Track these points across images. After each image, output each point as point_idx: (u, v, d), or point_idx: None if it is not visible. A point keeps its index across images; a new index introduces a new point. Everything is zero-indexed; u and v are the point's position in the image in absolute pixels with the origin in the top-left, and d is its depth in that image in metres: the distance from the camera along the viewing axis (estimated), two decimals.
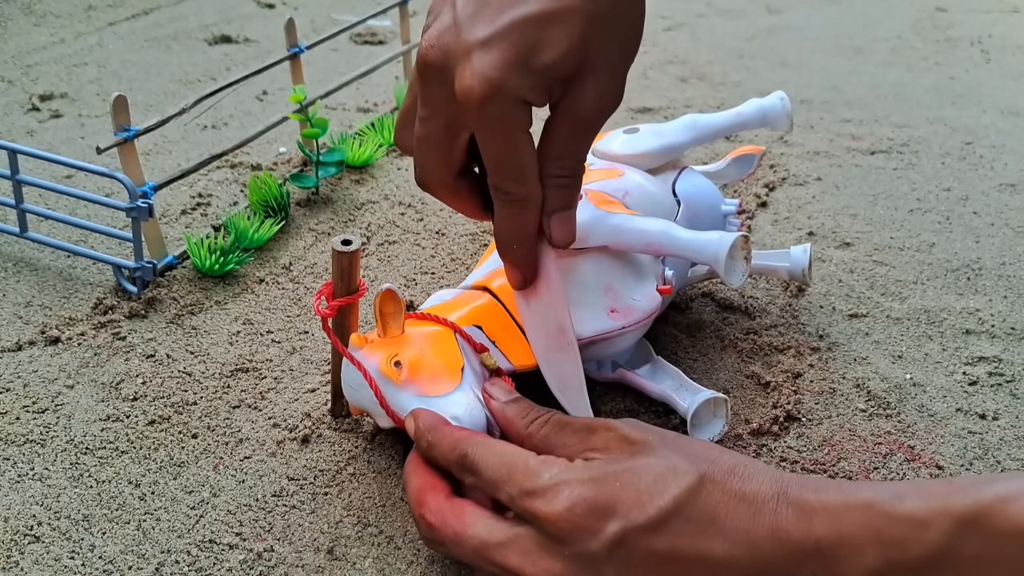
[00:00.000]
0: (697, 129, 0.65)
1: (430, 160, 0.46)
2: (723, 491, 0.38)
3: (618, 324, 0.53)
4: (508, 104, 0.41)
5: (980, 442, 0.56)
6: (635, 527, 0.37)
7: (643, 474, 0.39)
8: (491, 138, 0.43)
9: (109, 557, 0.47)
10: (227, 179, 0.84)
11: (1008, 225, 0.80)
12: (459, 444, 0.43)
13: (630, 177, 0.61)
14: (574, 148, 0.46)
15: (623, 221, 0.54)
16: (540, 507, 0.39)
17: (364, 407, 0.50)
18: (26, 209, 0.70)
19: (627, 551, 0.38)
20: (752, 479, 0.39)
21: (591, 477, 0.39)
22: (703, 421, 0.55)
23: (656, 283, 0.56)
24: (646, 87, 1.08)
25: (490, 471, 0.42)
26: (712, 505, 0.38)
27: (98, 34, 1.17)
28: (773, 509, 0.37)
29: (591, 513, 0.38)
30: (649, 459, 0.40)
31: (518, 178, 0.44)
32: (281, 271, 0.71)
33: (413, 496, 0.44)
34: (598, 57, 0.43)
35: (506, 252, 0.48)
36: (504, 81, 0.41)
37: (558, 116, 0.45)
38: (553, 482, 0.39)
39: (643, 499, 0.38)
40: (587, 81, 0.43)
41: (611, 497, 0.38)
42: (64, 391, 0.58)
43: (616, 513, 0.38)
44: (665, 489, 0.38)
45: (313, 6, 1.33)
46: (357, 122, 0.95)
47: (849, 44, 1.26)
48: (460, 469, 0.43)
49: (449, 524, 0.41)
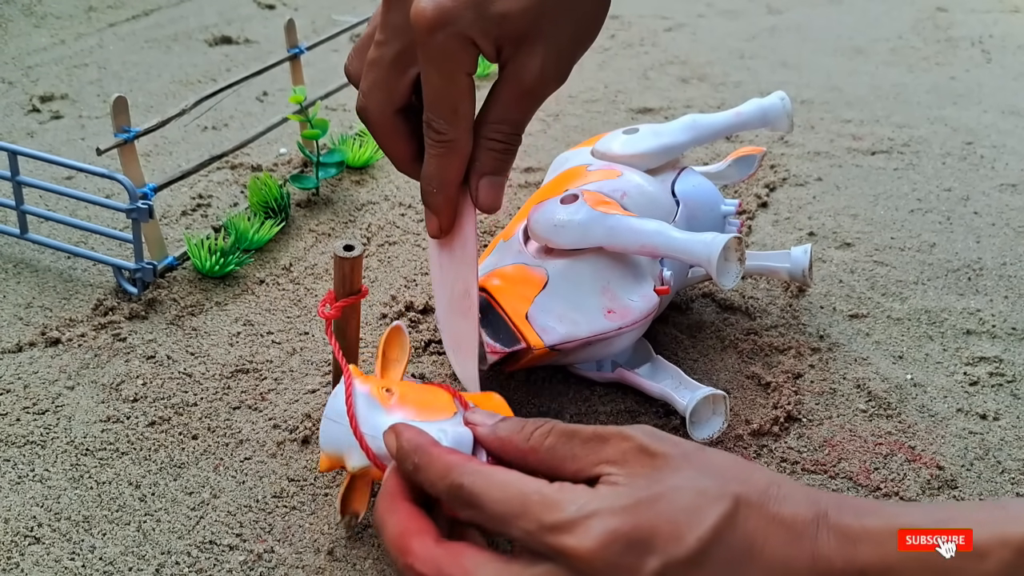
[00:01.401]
0: (697, 129, 0.65)
1: (376, 87, 0.47)
2: (760, 516, 0.35)
3: (615, 325, 0.53)
4: (455, 38, 0.42)
5: (981, 442, 0.56)
6: (675, 562, 0.34)
7: (676, 500, 0.35)
8: (432, 69, 0.43)
9: (109, 558, 0.47)
10: (227, 180, 0.84)
11: (1009, 225, 0.80)
12: (452, 470, 0.38)
13: (628, 178, 0.61)
14: (513, 114, 0.47)
15: (618, 222, 0.54)
16: (569, 543, 0.34)
17: (337, 448, 0.45)
18: (26, 210, 0.70)
19: None
20: (788, 501, 0.36)
21: (623, 507, 0.35)
22: (702, 418, 0.55)
23: (654, 284, 0.56)
24: (646, 87, 1.08)
25: (496, 504, 0.37)
26: (750, 532, 0.35)
27: (98, 35, 1.17)
28: (813, 535, 0.35)
29: (629, 549, 0.34)
30: (677, 480, 0.36)
31: (450, 118, 0.45)
32: (281, 272, 0.71)
33: (394, 542, 0.38)
34: (551, 29, 0.44)
35: (427, 194, 0.48)
36: (457, 14, 0.42)
37: (502, 80, 0.46)
38: (581, 514, 0.35)
39: (681, 530, 0.34)
40: (536, 49, 0.44)
41: (647, 529, 0.34)
42: (64, 392, 0.58)
43: (655, 548, 0.34)
44: (702, 518, 0.34)
45: (313, 7, 1.33)
46: (357, 123, 0.95)
47: (850, 44, 1.26)
48: (454, 500, 0.38)
49: (447, 573, 0.36)
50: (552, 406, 0.58)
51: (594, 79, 1.10)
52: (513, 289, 0.54)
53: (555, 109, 1.01)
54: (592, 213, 0.55)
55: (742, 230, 0.69)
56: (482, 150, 0.47)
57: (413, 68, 0.46)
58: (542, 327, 0.52)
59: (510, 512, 0.36)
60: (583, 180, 0.61)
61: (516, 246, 0.58)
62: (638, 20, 1.35)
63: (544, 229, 0.55)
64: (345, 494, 0.47)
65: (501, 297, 0.54)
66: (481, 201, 0.48)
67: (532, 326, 0.52)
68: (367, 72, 0.47)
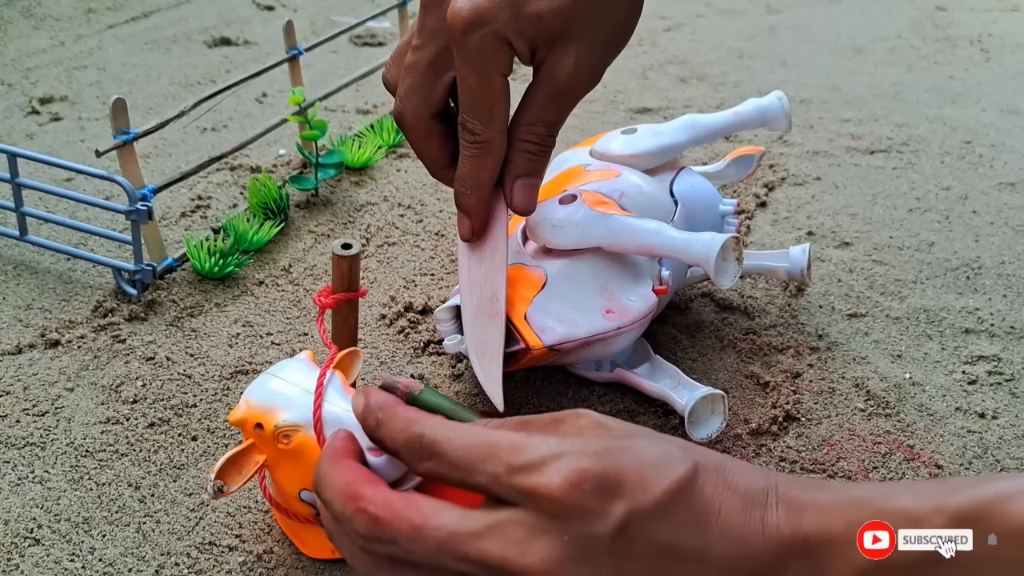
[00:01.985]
0: (696, 129, 0.65)
1: (412, 91, 0.48)
2: (717, 481, 0.35)
3: (614, 325, 0.53)
4: (491, 38, 0.43)
5: (979, 441, 0.56)
6: (640, 511, 0.33)
7: (643, 454, 0.35)
8: (468, 69, 0.44)
9: (109, 560, 0.47)
10: (226, 181, 0.84)
11: (1008, 224, 0.80)
12: (414, 423, 0.37)
13: (627, 178, 0.61)
14: (547, 115, 0.47)
15: (616, 222, 0.55)
16: (538, 481, 0.33)
17: (268, 401, 0.44)
18: (26, 212, 0.70)
19: (630, 539, 0.34)
20: (742, 472, 0.37)
21: (593, 451, 0.34)
22: (701, 418, 0.55)
23: (652, 284, 0.56)
24: (645, 87, 1.08)
25: (459, 451, 0.36)
26: (708, 495, 0.35)
27: (98, 37, 1.18)
28: (763, 503, 0.36)
29: (596, 491, 0.33)
30: (642, 440, 0.36)
31: (485, 119, 0.46)
32: (281, 273, 0.71)
33: (341, 491, 0.37)
34: (584, 30, 0.45)
35: (460, 196, 0.49)
36: (493, 15, 0.42)
37: (536, 81, 0.46)
38: (551, 454, 0.34)
39: (648, 481, 0.34)
40: (569, 49, 0.45)
41: (615, 475, 0.34)
42: (64, 394, 0.58)
43: (623, 492, 0.33)
44: (666, 472, 0.34)
45: (312, 8, 1.33)
46: (356, 124, 0.95)
47: (849, 44, 1.26)
48: (414, 450, 0.37)
49: (403, 516, 0.35)
50: (551, 406, 0.58)
51: None
52: (512, 289, 0.54)
53: None
54: (591, 213, 0.55)
55: (740, 230, 0.69)
56: (516, 152, 0.48)
57: (449, 72, 0.47)
58: (541, 327, 0.52)
59: (475, 457, 0.35)
60: (581, 180, 0.61)
61: (515, 246, 0.58)
62: None
63: (542, 229, 0.55)
64: (233, 457, 0.44)
65: (508, 290, 0.53)
66: (516, 203, 0.49)
67: (531, 326, 0.52)
68: (404, 77, 0.48)
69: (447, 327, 0.56)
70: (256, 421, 0.44)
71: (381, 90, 1.06)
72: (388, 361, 0.62)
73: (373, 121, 0.93)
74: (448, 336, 0.56)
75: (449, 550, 0.34)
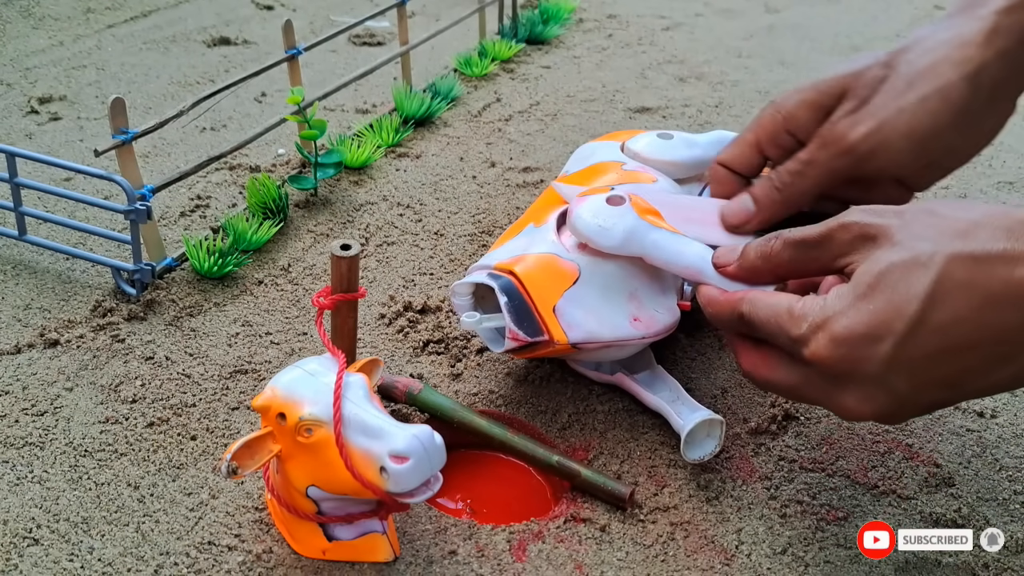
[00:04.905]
0: (724, 145, 0.65)
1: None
2: (964, 269, 0.39)
3: (639, 333, 0.53)
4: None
5: (978, 440, 0.56)
6: (902, 338, 0.39)
7: (890, 278, 0.40)
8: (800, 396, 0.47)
9: (108, 559, 0.47)
10: (226, 181, 0.84)
11: None
12: (734, 306, 0.47)
13: (663, 186, 0.61)
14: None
15: (663, 239, 0.52)
16: (807, 353, 0.41)
17: (295, 393, 0.44)
18: (25, 212, 0.70)
19: (905, 361, 0.39)
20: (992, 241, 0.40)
21: (841, 310, 0.41)
22: (696, 439, 0.54)
23: (676, 297, 0.55)
24: (644, 87, 1.08)
25: (763, 324, 0.44)
26: (961, 281, 0.39)
27: (97, 37, 1.18)
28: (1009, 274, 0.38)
29: (855, 345, 0.40)
30: (891, 254, 0.40)
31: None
32: (280, 273, 0.71)
33: (734, 346, 0.48)
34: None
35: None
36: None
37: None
38: (812, 326, 0.41)
39: (900, 307, 0.39)
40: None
41: (869, 321, 0.40)
42: (63, 394, 0.58)
43: (879, 335, 0.39)
44: (914, 290, 0.39)
45: (311, 8, 1.33)
46: (355, 123, 0.95)
47: (847, 43, 1.26)
48: (739, 326, 0.47)
49: (760, 372, 0.46)
50: (550, 405, 0.58)
51: (592, 78, 1.10)
52: (544, 279, 0.53)
53: (553, 109, 1.02)
54: (638, 223, 0.53)
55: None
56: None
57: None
58: (568, 323, 0.52)
59: (772, 332, 0.44)
60: (618, 177, 0.61)
61: (550, 235, 0.56)
62: (636, 19, 1.35)
63: (586, 227, 0.53)
64: (249, 442, 0.43)
65: (531, 285, 0.53)
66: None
67: (559, 320, 0.52)
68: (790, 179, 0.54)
69: (463, 301, 0.55)
70: (280, 410, 0.44)
71: (380, 90, 1.07)
72: (387, 360, 0.62)
73: (372, 120, 0.93)
74: (465, 312, 0.55)
75: (792, 395, 0.46)
